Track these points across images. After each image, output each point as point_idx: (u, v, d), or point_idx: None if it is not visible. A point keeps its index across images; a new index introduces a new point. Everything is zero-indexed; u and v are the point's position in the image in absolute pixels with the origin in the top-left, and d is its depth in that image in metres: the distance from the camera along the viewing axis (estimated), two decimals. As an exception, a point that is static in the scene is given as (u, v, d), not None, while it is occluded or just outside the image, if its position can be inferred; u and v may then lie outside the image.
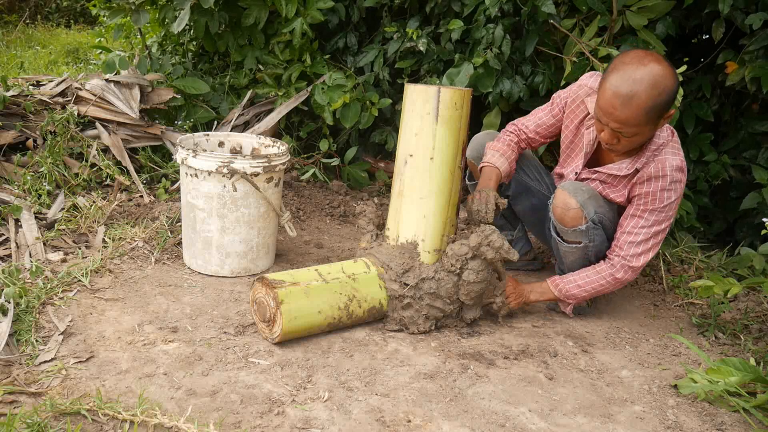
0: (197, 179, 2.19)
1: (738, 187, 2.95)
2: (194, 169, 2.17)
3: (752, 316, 2.25)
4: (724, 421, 1.66)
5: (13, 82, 3.07)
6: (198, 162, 2.15)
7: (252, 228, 2.26)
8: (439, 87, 1.92)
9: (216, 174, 2.14)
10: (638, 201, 2.00)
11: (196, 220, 2.24)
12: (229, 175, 2.15)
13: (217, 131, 2.82)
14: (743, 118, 2.94)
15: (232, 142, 2.54)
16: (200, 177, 2.18)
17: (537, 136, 2.26)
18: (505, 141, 2.24)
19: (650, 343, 2.08)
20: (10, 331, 1.74)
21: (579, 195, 2.02)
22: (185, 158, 2.18)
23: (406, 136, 1.98)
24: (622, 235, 2.03)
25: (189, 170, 2.20)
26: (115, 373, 1.64)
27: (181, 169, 2.24)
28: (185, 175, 2.23)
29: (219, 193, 2.18)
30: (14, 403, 1.49)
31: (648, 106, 1.77)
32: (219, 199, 2.19)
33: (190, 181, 2.21)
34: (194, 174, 2.19)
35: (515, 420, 1.58)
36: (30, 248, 2.28)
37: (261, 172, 2.17)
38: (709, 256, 2.73)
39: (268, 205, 2.27)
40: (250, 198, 2.21)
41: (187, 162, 2.17)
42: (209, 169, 2.14)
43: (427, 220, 1.96)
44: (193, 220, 2.25)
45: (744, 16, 2.58)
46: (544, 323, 2.16)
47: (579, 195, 2.02)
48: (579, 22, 2.76)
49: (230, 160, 2.13)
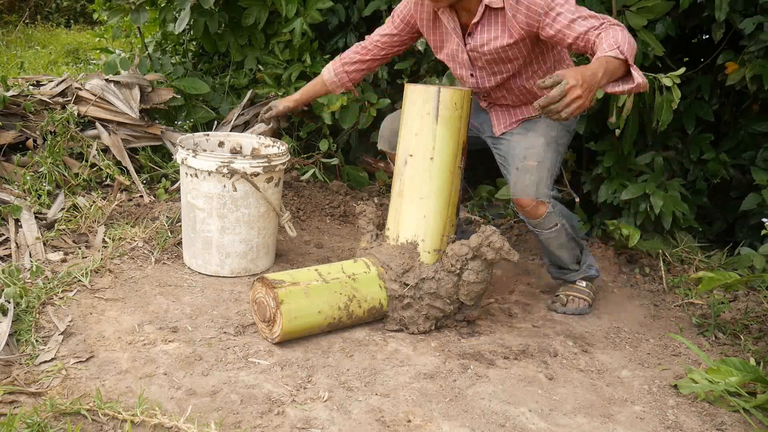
0: (197, 179, 2.19)
1: (738, 187, 2.95)
2: (194, 169, 2.17)
3: (752, 316, 2.26)
4: (724, 422, 1.66)
5: (13, 82, 3.07)
6: (198, 162, 2.15)
7: (252, 228, 2.26)
8: (439, 87, 1.92)
9: (216, 174, 2.14)
10: (534, 15, 1.90)
11: (196, 220, 2.24)
12: (229, 175, 2.15)
13: (217, 131, 2.82)
14: (743, 118, 2.93)
15: (232, 143, 2.54)
16: (200, 177, 2.18)
17: (380, 44, 2.31)
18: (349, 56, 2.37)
19: (650, 343, 2.08)
20: (10, 331, 1.74)
21: (527, 187, 2.05)
22: (185, 158, 2.18)
23: (406, 136, 1.98)
24: (572, 27, 1.85)
25: (189, 170, 2.20)
26: (115, 373, 1.64)
27: (181, 169, 2.25)
28: (185, 175, 2.23)
29: (219, 193, 2.18)
30: (14, 403, 1.49)
31: None
32: (219, 199, 2.19)
33: (190, 181, 2.21)
34: (194, 174, 2.19)
35: (515, 420, 1.58)
36: (30, 248, 2.28)
37: (261, 172, 2.17)
38: (709, 257, 2.74)
39: (268, 205, 2.27)
40: (250, 198, 2.21)
41: (187, 162, 2.17)
42: (209, 169, 2.14)
43: (427, 220, 1.96)
44: (193, 220, 2.25)
45: (743, 19, 2.58)
46: (544, 323, 2.16)
47: (527, 187, 2.05)
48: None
49: (230, 160, 2.13)
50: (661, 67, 2.80)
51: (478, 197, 3.25)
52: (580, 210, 2.97)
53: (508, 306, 2.27)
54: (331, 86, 2.43)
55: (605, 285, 2.52)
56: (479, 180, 3.42)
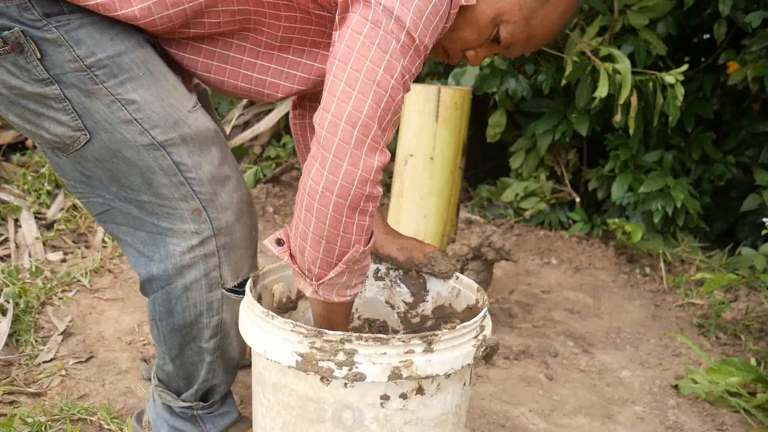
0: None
1: (739, 187, 2.95)
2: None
3: (753, 316, 2.25)
4: (724, 422, 1.65)
5: (13, 81, 3.07)
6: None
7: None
8: (439, 87, 1.92)
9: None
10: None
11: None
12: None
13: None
14: (744, 118, 2.93)
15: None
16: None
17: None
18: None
19: (651, 343, 2.08)
20: (10, 331, 1.73)
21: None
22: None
23: (406, 135, 1.98)
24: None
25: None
26: (114, 373, 1.64)
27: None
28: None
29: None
30: (14, 403, 1.49)
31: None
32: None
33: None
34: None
35: (515, 420, 1.58)
36: (29, 248, 2.27)
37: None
38: (710, 256, 2.73)
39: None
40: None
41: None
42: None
43: (427, 220, 1.96)
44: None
45: (745, 17, 2.58)
46: (544, 323, 2.16)
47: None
48: (580, 21, 2.76)
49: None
50: (663, 66, 2.80)
51: (478, 197, 3.25)
52: (581, 210, 2.97)
53: (508, 306, 2.26)
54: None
55: (605, 285, 2.51)
56: (479, 180, 3.42)
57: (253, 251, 1.22)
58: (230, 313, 1.19)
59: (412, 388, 0.99)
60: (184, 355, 1.21)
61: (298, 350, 0.96)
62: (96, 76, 1.03)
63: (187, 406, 1.27)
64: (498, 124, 3.03)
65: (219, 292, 1.16)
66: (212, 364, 1.23)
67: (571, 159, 3.08)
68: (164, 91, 1.08)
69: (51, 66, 1.01)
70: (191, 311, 1.16)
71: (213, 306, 1.17)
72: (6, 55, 0.99)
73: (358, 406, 0.98)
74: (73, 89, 1.03)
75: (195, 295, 1.15)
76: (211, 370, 1.24)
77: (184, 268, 1.13)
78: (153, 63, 1.08)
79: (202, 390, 1.26)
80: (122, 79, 1.04)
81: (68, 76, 1.02)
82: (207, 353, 1.21)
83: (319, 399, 0.99)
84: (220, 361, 1.24)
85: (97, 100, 1.04)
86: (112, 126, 1.05)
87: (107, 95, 1.04)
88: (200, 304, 1.16)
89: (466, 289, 1.26)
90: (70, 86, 1.03)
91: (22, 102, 1.05)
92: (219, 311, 1.18)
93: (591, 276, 2.56)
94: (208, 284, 1.15)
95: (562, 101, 2.92)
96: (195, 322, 1.17)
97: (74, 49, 1.01)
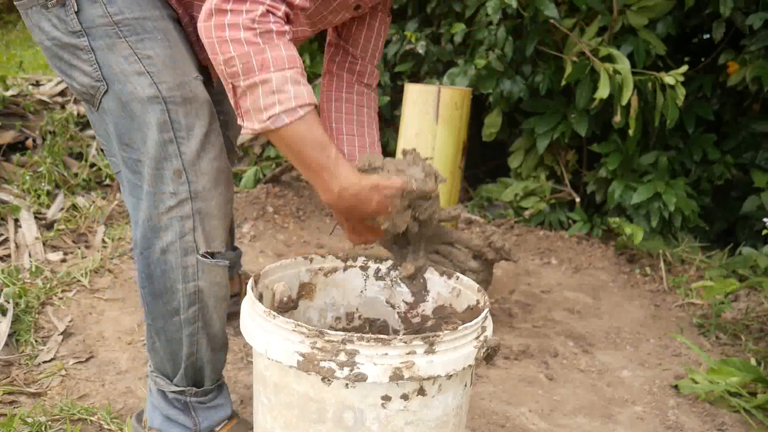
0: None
1: (739, 188, 2.95)
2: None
3: (753, 316, 2.25)
4: (724, 422, 1.65)
5: (12, 81, 3.07)
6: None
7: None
8: (439, 87, 1.92)
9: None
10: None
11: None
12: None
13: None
14: (744, 118, 2.93)
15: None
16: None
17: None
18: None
19: (651, 343, 2.08)
20: (10, 331, 1.73)
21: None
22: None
23: (406, 135, 1.98)
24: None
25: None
26: (115, 373, 1.64)
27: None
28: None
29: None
30: (14, 403, 1.49)
31: None
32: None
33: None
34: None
35: (515, 420, 1.58)
36: (29, 248, 2.27)
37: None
38: (710, 257, 2.73)
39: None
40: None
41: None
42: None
43: (427, 220, 1.96)
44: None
45: (744, 17, 2.58)
46: (544, 323, 2.16)
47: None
48: (579, 21, 2.76)
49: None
50: (662, 66, 2.80)
51: (478, 197, 3.25)
52: (581, 210, 2.97)
53: (508, 306, 2.26)
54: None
55: (605, 285, 2.52)
56: (479, 180, 3.42)
57: (227, 224, 1.27)
58: (207, 281, 1.23)
59: (414, 389, 0.99)
60: (167, 328, 1.24)
61: (299, 350, 0.96)
62: (121, 31, 1.15)
63: (180, 390, 1.28)
64: (493, 123, 3.03)
65: (194, 257, 1.21)
66: (193, 337, 1.25)
67: (570, 159, 3.08)
68: (177, 56, 1.19)
69: (84, 19, 1.14)
70: (169, 276, 1.20)
71: (188, 272, 1.21)
72: (52, 8, 1.14)
73: (359, 406, 0.98)
74: (99, 41, 1.15)
75: (171, 259, 1.20)
76: (194, 343, 1.26)
77: (160, 230, 1.19)
78: (171, 34, 1.20)
79: (190, 369, 1.28)
80: (143, 37, 1.16)
81: (97, 30, 1.15)
82: (187, 324, 1.24)
83: (320, 399, 0.99)
84: (204, 335, 1.26)
85: (118, 53, 1.16)
86: (126, 77, 1.16)
87: (127, 48, 1.16)
88: (177, 269, 1.20)
89: (466, 290, 1.26)
90: (97, 38, 1.15)
91: (59, 53, 1.18)
92: (195, 277, 1.21)
93: (591, 276, 2.57)
94: (183, 248, 1.20)
95: (561, 101, 2.92)
96: (172, 288, 1.21)
97: (107, 6, 1.14)
